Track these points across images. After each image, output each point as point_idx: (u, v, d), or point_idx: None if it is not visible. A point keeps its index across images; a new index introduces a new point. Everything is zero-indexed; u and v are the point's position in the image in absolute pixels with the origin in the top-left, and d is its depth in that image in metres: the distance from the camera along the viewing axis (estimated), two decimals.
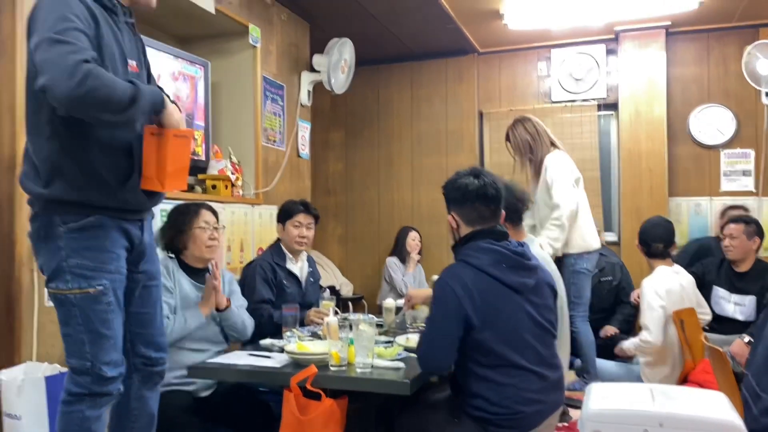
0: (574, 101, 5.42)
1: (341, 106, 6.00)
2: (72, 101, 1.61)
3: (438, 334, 2.14)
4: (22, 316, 2.55)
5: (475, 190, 2.23)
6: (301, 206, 3.39)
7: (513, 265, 2.20)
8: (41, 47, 1.63)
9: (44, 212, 1.83)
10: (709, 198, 5.13)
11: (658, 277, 3.30)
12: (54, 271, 1.82)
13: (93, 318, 1.82)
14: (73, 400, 1.84)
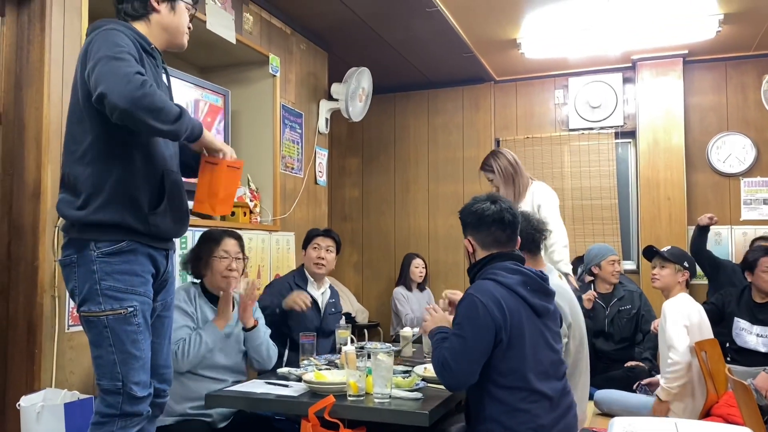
0: (592, 129, 5.42)
1: (358, 133, 6.05)
2: (130, 103, 1.71)
3: (468, 349, 2.07)
4: (42, 342, 2.56)
5: (491, 215, 2.25)
6: (321, 231, 3.54)
7: (537, 288, 2.21)
8: (98, 65, 1.76)
9: (79, 237, 1.89)
10: (729, 227, 5.07)
11: (680, 301, 3.27)
12: (87, 294, 1.88)
13: (124, 339, 1.88)
14: (105, 422, 1.88)
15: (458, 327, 2.11)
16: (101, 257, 1.87)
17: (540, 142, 5.57)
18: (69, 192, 1.93)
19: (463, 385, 2.14)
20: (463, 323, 2.10)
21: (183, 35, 2.12)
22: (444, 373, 2.09)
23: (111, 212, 1.88)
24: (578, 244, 5.29)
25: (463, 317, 2.12)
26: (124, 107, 1.71)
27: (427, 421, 2.16)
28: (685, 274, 3.36)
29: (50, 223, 2.58)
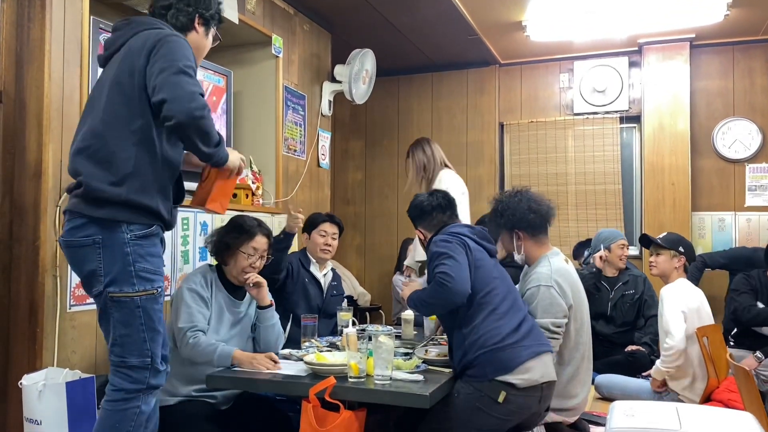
0: (596, 114, 5.38)
1: (361, 116, 6.01)
2: (188, 119, 1.87)
3: (459, 262, 2.43)
4: (44, 322, 2.57)
5: (430, 204, 2.77)
6: (326, 216, 3.56)
7: (483, 237, 2.66)
8: (168, 71, 1.90)
9: (110, 217, 1.93)
10: (734, 213, 5.05)
11: (679, 287, 3.27)
12: (119, 275, 1.93)
13: (153, 317, 1.98)
14: (132, 397, 1.94)
15: (443, 256, 2.45)
16: (135, 240, 1.95)
17: (544, 126, 5.53)
18: (101, 166, 1.95)
19: (464, 291, 2.40)
20: (446, 252, 2.46)
21: (201, 59, 2.29)
22: (445, 285, 2.37)
23: (149, 197, 1.97)
24: (581, 230, 5.29)
25: (442, 251, 2.47)
26: (181, 121, 1.87)
27: (428, 403, 2.17)
28: (681, 259, 3.36)
29: (51, 203, 2.58)
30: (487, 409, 2.31)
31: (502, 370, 2.33)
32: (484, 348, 2.37)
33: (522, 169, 5.56)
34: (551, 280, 2.70)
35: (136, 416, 1.94)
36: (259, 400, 2.94)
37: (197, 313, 2.63)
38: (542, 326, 2.62)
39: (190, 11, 2.17)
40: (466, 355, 2.40)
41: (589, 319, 2.89)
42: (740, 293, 3.90)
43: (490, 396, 2.32)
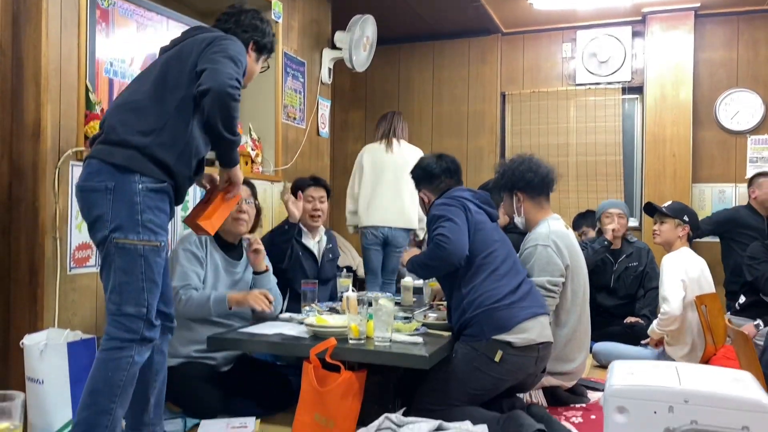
0: (599, 84, 5.34)
1: (361, 86, 5.96)
2: (219, 89, 1.95)
3: (458, 225, 2.47)
4: (44, 283, 2.57)
5: (439, 168, 2.77)
6: (310, 180, 3.46)
7: (485, 201, 2.68)
8: (219, 54, 2.04)
9: (126, 163, 1.97)
10: (734, 185, 5.04)
11: (682, 256, 3.28)
12: (125, 222, 1.96)
13: (154, 269, 2.01)
14: (124, 347, 1.96)
15: (442, 219, 2.49)
16: (145, 191, 1.99)
17: (546, 97, 5.49)
18: (134, 115, 2.04)
19: (461, 253, 2.45)
20: (445, 214, 2.49)
21: (249, 82, 2.39)
22: (443, 247, 2.42)
23: (169, 155, 2.02)
24: (581, 201, 5.28)
25: (441, 213, 2.51)
26: (212, 88, 1.95)
27: (428, 363, 2.19)
28: (685, 228, 3.35)
29: (50, 164, 2.56)
30: (484, 369, 2.34)
31: (499, 329, 2.36)
32: (482, 307, 2.40)
33: (523, 140, 5.54)
34: (548, 240, 2.75)
35: (129, 366, 1.95)
36: (259, 362, 2.96)
37: (190, 272, 2.65)
38: (538, 284, 2.65)
39: (246, 37, 2.30)
40: (465, 314, 2.44)
41: (587, 283, 2.91)
42: (760, 262, 3.89)
43: (487, 355, 2.35)
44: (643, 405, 1.59)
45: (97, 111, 2.77)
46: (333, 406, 2.26)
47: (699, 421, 1.54)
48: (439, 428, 2.00)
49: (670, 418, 1.56)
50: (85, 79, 2.75)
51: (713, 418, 1.53)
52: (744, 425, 1.50)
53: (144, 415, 2.18)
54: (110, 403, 1.94)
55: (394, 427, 2.02)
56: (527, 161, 2.89)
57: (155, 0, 3.20)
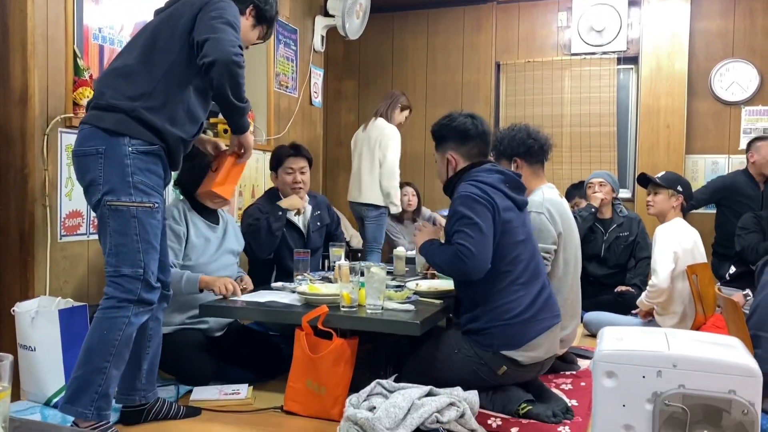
0: (594, 54, 5.29)
1: (354, 55, 5.89)
2: (225, 59, 1.97)
3: (484, 234, 2.21)
4: (35, 251, 2.56)
5: (474, 130, 2.45)
6: (290, 149, 3.28)
7: (516, 185, 2.41)
8: (217, 20, 2.02)
9: (115, 127, 1.98)
10: (727, 156, 5.04)
11: (675, 227, 3.28)
12: (116, 185, 1.98)
13: (149, 230, 2.02)
14: (121, 306, 1.98)
15: (467, 219, 2.22)
16: (135, 153, 1.99)
17: (541, 67, 5.45)
18: (124, 80, 2.04)
19: (484, 268, 2.22)
20: (472, 215, 2.22)
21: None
22: (465, 261, 2.18)
23: (158, 118, 2.02)
24: (574, 172, 5.27)
25: (466, 210, 2.24)
26: (218, 59, 1.96)
27: (419, 330, 2.20)
28: (679, 198, 3.35)
29: (39, 131, 2.53)
30: (483, 375, 2.31)
31: (509, 345, 2.28)
32: (497, 321, 2.29)
33: (517, 111, 5.50)
34: (542, 207, 2.76)
35: (125, 326, 1.98)
36: (251, 331, 2.98)
37: (173, 248, 2.62)
38: None
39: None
40: (477, 321, 2.33)
41: (579, 252, 2.92)
42: (749, 232, 3.92)
43: (490, 367, 2.31)
44: (632, 369, 1.60)
45: (85, 77, 2.74)
46: (325, 372, 2.28)
47: (687, 385, 1.55)
48: (429, 393, 2.02)
49: (659, 383, 1.57)
50: (73, 44, 2.70)
51: (701, 382, 1.54)
52: (731, 389, 1.52)
53: (136, 381, 2.19)
54: (104, 362, 1.96)
55: (385, 392, 2.04)
56: (526, 128, 2.87)
57: None
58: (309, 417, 2.33)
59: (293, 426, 2.28)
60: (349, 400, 2.00)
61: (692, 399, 1.54)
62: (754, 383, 1.51)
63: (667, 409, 1.55)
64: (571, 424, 2.28)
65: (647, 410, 1.58)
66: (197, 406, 2.39)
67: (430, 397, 1.99)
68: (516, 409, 2.33)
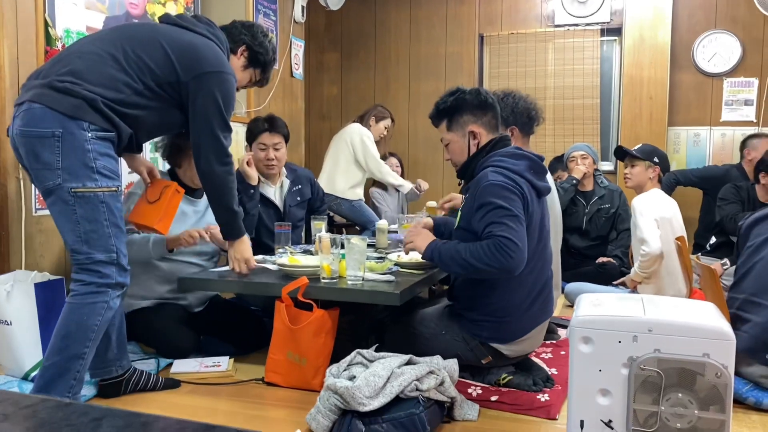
0: (577, 25, 5.26)
1: (336, 26, 5.81)
2: (212, 178, 2.20)
3: (522, 224, 2.05)
4: (9, 225, 2.52)
5: (489, 99, 2.29)
6: (265, 124, 3.15)
7: (540, 170, 2.24)
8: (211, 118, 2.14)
9: (74, 113, 1.91)
10: (709, 128, 5.05)
11: (653, 196, 3.29)
12: (79, 170, 1.92)
13: (116, 214, 2.00)
14: (100, 291, 1.96)
15: (504, 210, 2.03)
16: (95, 139, 1.94)
17: (524, 38, 5.41)
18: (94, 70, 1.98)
19: (524, 261, 2.04)
20: (507, 204, 2.04)
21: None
22: (509, 253, 1.98)
23: (118, 114, 1.99)
24: (557, 145, 5.27)
25: (501, 201, 2.05)
26: (205, 173, 2.17)
27: (398, 300, 2.19)
28: (656, 169, 3.36)
29: (9, 102, 2.47)
30: (466, 360, 2.29)
31: (498, 339, 2.26)
32: (492, 317, 2.24)
33: (501, 83, 5.47)
34: None
35: (104, 311, 1.95)
36: (233, 305, 2.96)
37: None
38: None
39: (242, 38, 2.35)
40: (472, 310, 2.28)
41: (560, 224, 2.93)
42: (728, 203, 3.95)
43: (476, 354, 2.29)
44: (608, 335, 1.61)
45: (57, 47, 2.67)
46: (305, 343, 2.28)
47: (662, 350, 1.57)
48: (409, 362, 2.02)
49: (635, 347, 1.59)
50: (44, 12, 2.63)
51: (676, 346, 1.55)
52: (705, 352, 1.53)
53: (108, 353, 2.18)
54: (83, 348, 1.94)
55: (365, 362, 2.04)
56: (519, 97, 2.82)
57: None
58: (290, 388, 2.33)
59: (274, 397, 2.28)
60: (330, 369, 2.00)
61: (667, 363, 1.55)
62: (728, 346, 1.53)
63: (643, 374, 1.57)
64: (551, 392, 2.30)
65: (623, 375, 1.59)
66: (178, 378, 2.38)
67: (410, 365, 1.99)
68: (497, 379, 2.34)
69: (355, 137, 4.28)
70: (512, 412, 2.17)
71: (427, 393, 1.92)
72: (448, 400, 2.00)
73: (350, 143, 4.30)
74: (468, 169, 2.31)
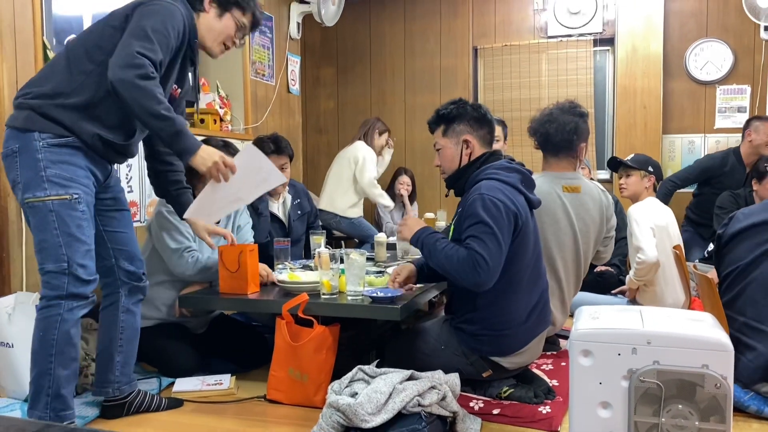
0: (570, 36, 5.30)
1: (332, 42, 5.86)
2: (120, 84, 1.84)
3: (501, 245, 2.06)
4: (9, 247, 2.53)
5: (488, 115, 2.34)
6: (272, 145, 3.23)
7: (530, 184, 2.29)
8: (134, 29, 1.90)
9: (24, 126, 1.92)
10: (703, 135, 5.09)
11: (647, 204, 3.31)
12: (31, 181, 1.91)
13: (69, 223, 1.92)
14: (51, 304, 1.91)
15: (485, 226, 2.06)
16: (47, 147, 1.91)
17: (518, 50, 5.45)
18: (41, 81, 1.97)
19: (492, 282, 2.08)
20: (491, 222, 2.07)
21: (217, 43, 2.18)
22: (479, 271, 2.03)
23: (68, 114, 1.93)
24: None
25: (487, 217, 2.07)
26: (112, 80, 1.84)
27: (399, 315, 2.20)
28: (651, 178, 3.39)
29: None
30: (467, 374, 2.29)
31: (497, 352, 2.26)
32: (491, 330, 2.24)
33: (496, 95, 5.51)
34: None
35: (58, 323, 1.91)
36: (235, 323, 2.97)
37: (185, 232, 2.62)
38: None
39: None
40: (471, 324, 2.27)
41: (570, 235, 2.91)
42: (727, 212, 3.97)
43: (476, 368, 2.30)
44: (607, 348, 1.62)
45: None
46: (306, 360, 2.28)
47: (661, 362, 1.58)
48: (411, 378, 2.03)
49: (634, 360, 1.60)
50: (42, 36, 2.66)
51: (675, 358, 1.57)
52: (704, 363, 1.55)
53: (109, 374, 2.17)
54: (47, 364, 1.92)
55: (366, 378, 2.05)
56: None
57: None
58: (292, 405, 2.34)
59: (276, 414, 2.29)
60: (331, 386, 2.00)
61: (666, 374, 1.57)
62: (726, 357, 1.54)
63: (643, 386, 1.58)
64: (553, 404, 2.31)
65: (623, 387, 1.61)
66: (180, 397, 2.39)
67: (411, 381, 2.00)
68: (498, 392, 2.35)
69: (358, 155, 4.36)
70: (514, 425, 2.18)
71: (430, 408, 1.93)
72: (450, 415, 2.01)
73: (353, 161, 4.37)
74: (459, 181, 2.34)
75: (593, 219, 2.77)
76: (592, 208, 2.76)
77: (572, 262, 2.75)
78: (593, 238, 2.79)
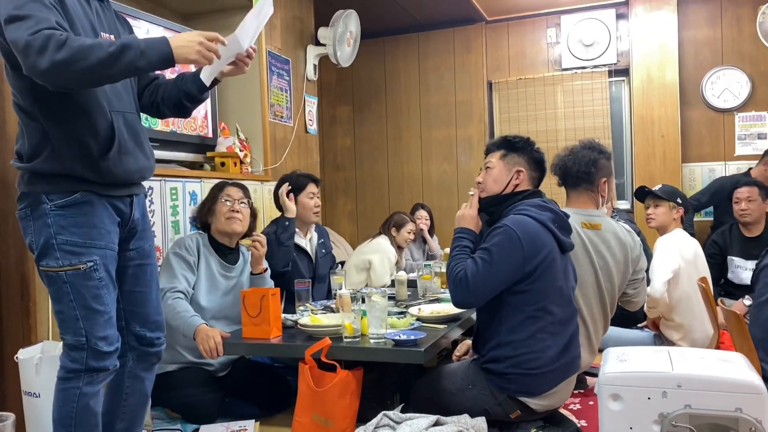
0: (585, 68, 5.33)
1: (348, 81, 5.94)
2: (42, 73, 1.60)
3: (490, 275, 2.14)
4: (36, 297, 2.56)
5: (545, 164, 2.42)
6: (308, 177, 3.45)
7: (564, 225, 2.30)
8: (7, 27, 1.64)
9: (31, 189, 1.81)
10: (724, 163, 5.05)
11: (676, 237, 3.26)
12: (43, 249, 1.79)
13: (85, 294, 1.80)
14: (70, 377, 1.82)
15: (487, 252, 2.15)
16: (55, 210, 1.79)
17: (533, 83, 5.49)
18: (21, 144, 1.84)
19: (470, 305, 2.24)
20: (494, 251, 2.14)
21: None
22: (458, 289, 2.17)
23: (59, 162, 1.78)
24: None
25: (495, 245, 2.15)
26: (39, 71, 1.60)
27: (422, 359, 2.18)
28: (679, 210, 3.35)
29: None
30: (494, 415, 2.24)
31: (526, 392, 2.21)
32: (519, 369, 2.19)
33: (512, 128, 5.53)
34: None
35: (77, 398, 1.82)
36: (257, 365, 2.97)
37: (179, 275, 2.65)
38: None
39: None
40: (498, 362, 2.22)
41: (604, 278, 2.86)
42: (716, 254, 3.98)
43: (504, 408, 2.24)
44: (637, 391, 1.59)
45: None
46: (330, 405, 2.26)
47: (693, 405, 1.55)
48: (437, 423, 2.00)
49: (664, 403, 1.57)
50: None
51: (707, 401, 1.54)
52: (737, 407, 1.51)
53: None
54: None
55: (392, 423, 2.03)
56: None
57: (132, 4, 3.18)
58: None
59: None
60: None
61: (699, 418, 1.53)
62: (761, 400, 1.51)
63: (675, 430, 1.55)
64: None
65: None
66: None
67: (438, 426, 1.97)
68: None
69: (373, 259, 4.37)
70: None
71: None
72: None
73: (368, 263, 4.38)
74: (496, 206, 2.35)
75: (615, 257, 2.73)
76: (614, 245, 2.73)
77: (595, 299, 2.70)
78: (616, 276, 2.74)
